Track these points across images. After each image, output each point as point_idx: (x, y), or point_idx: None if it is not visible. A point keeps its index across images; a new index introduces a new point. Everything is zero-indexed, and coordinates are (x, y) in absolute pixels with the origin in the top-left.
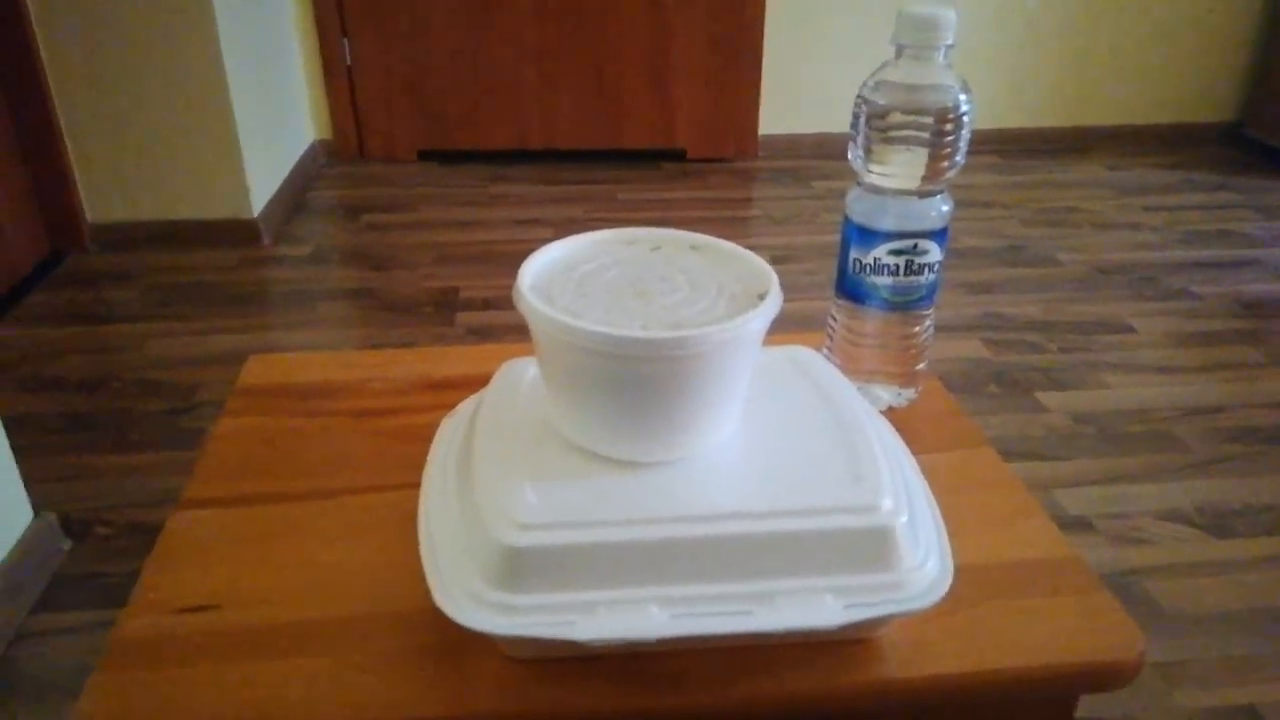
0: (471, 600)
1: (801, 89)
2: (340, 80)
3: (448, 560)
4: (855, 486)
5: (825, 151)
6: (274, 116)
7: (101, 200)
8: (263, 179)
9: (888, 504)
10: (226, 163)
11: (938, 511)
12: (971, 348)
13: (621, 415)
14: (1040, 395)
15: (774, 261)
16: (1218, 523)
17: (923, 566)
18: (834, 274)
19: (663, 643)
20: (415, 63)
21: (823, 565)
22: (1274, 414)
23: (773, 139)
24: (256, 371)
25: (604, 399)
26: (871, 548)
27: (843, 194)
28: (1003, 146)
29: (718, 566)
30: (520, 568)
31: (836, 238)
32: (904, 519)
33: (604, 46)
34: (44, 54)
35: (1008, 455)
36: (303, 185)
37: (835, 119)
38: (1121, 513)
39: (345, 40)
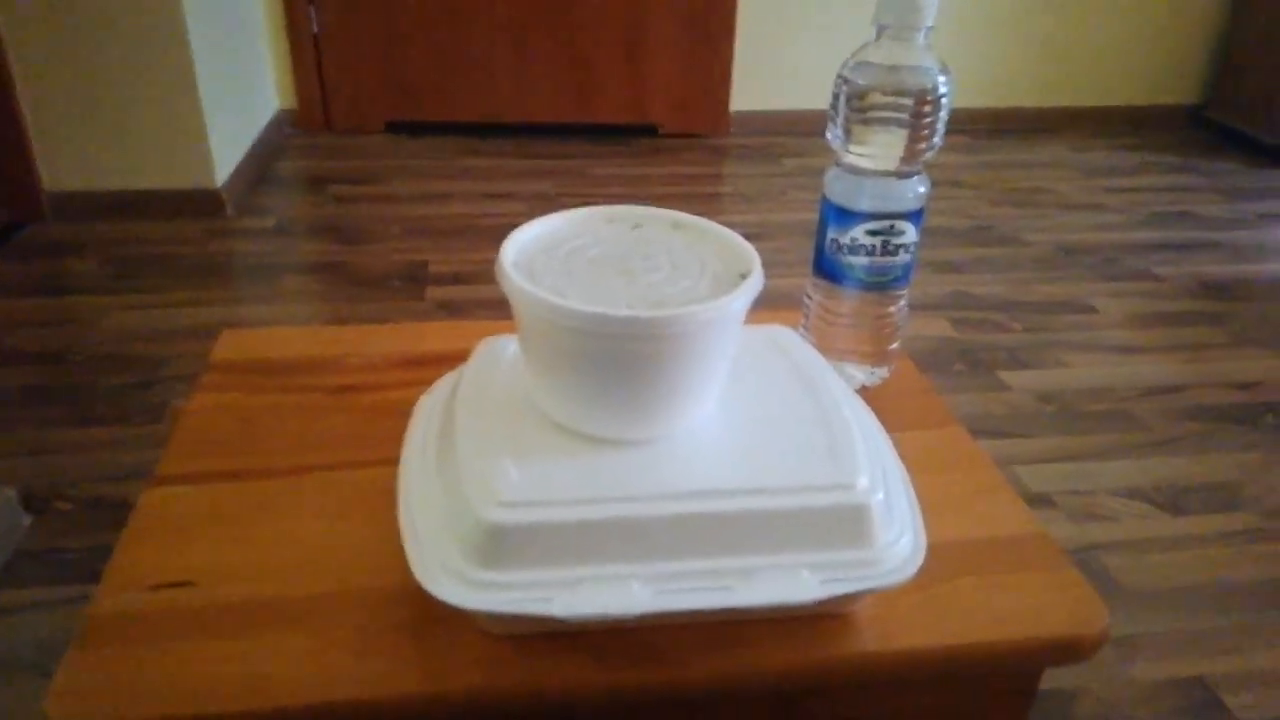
0: (452, 576)
1: (774, 66)
2: (307, 48)
3: (428, 536)
4: (832, 464)
5: (797, 129)
6: (239, 85)
7: (60, 168)
8: (227, 148)
9: (864, 482)
10: (189, 131)
11: (912, 489)
12: (939, 326)
13: (605, 393)
14: (1004, 374)
15: (747, 238)
16: (1174, 500)
17: (897, 543)
18: (810, 253)
19: (644, 618)
20: (384, 31)
21: (800, 542)
22: (1232, 393)
23: (745, 115)
24: (229, 346)
25: (587, 377)
26: (848, 525)
27: (814, 172)
28: (971, 126)
29: (698, 543)
30: (502, 544)
31: (807, 216)
32: (879, 496)
33: (578, 19)
34: (2, 19)
35: (973, 433)
36: (268, 156)
37: (807, 96)
38: (1082, 489)
39: (312, 7)
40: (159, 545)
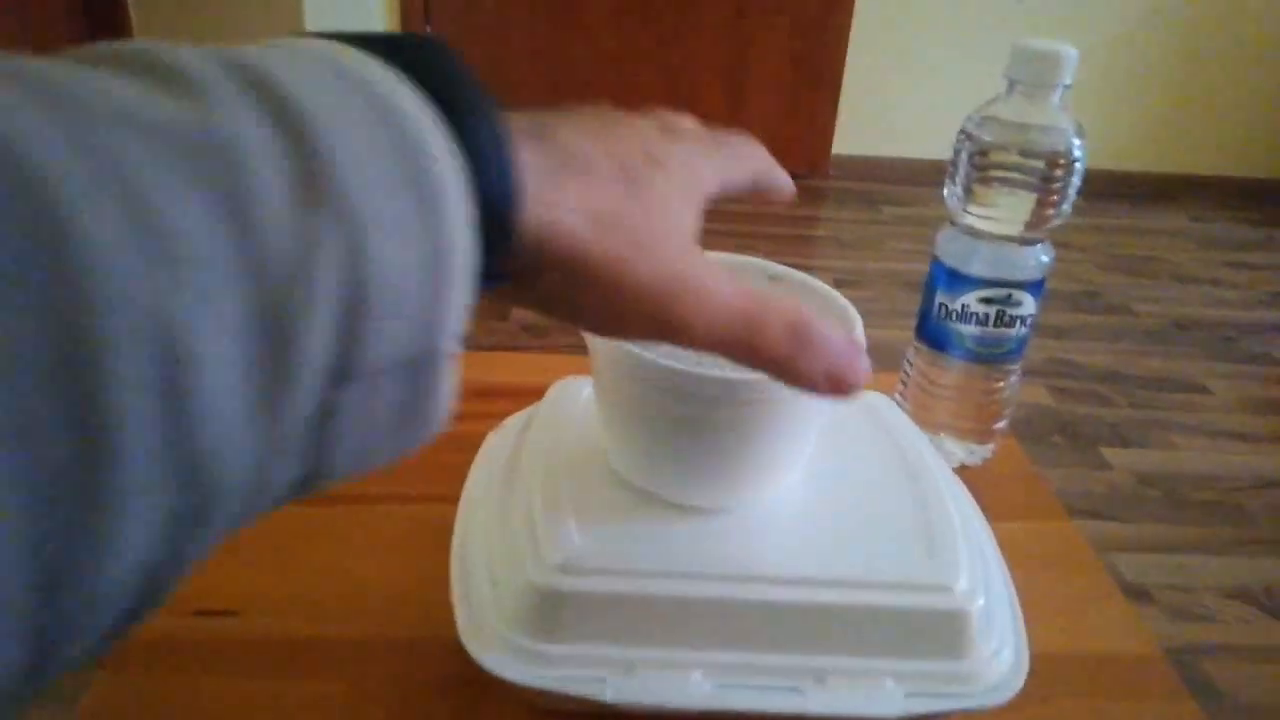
0: (498, 641)
1: (880, 112)
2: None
3: (478, 594)
4: (929, 560)
5: (899, 177)
6: None
7: None
8: None
9: (964, 584)
10: None
11: (1015, 594)
12: (1036, 394)
13: (684, 457)
14: (1105, 450)
15: (837, 285)
16: None
17: (996, 657)
18: (905, 305)
19: (703, 715)
20: (494, 57)
21: (886, 646)
22: None
23: (846, 160)
24: None
25: (666, 438)
26: (942, 632)
27: (914, 222)
28: (1084, 187)
29: (770, 634)
30: (556, 613)
31: (904, 266)
32: (980, 603)
33: (682, 55)
34: (133, 14)
35: (1067, 512)
36: None
37: (912, 145)
38: (1183, 585)
39: (428, 29)
40: (210, 564)
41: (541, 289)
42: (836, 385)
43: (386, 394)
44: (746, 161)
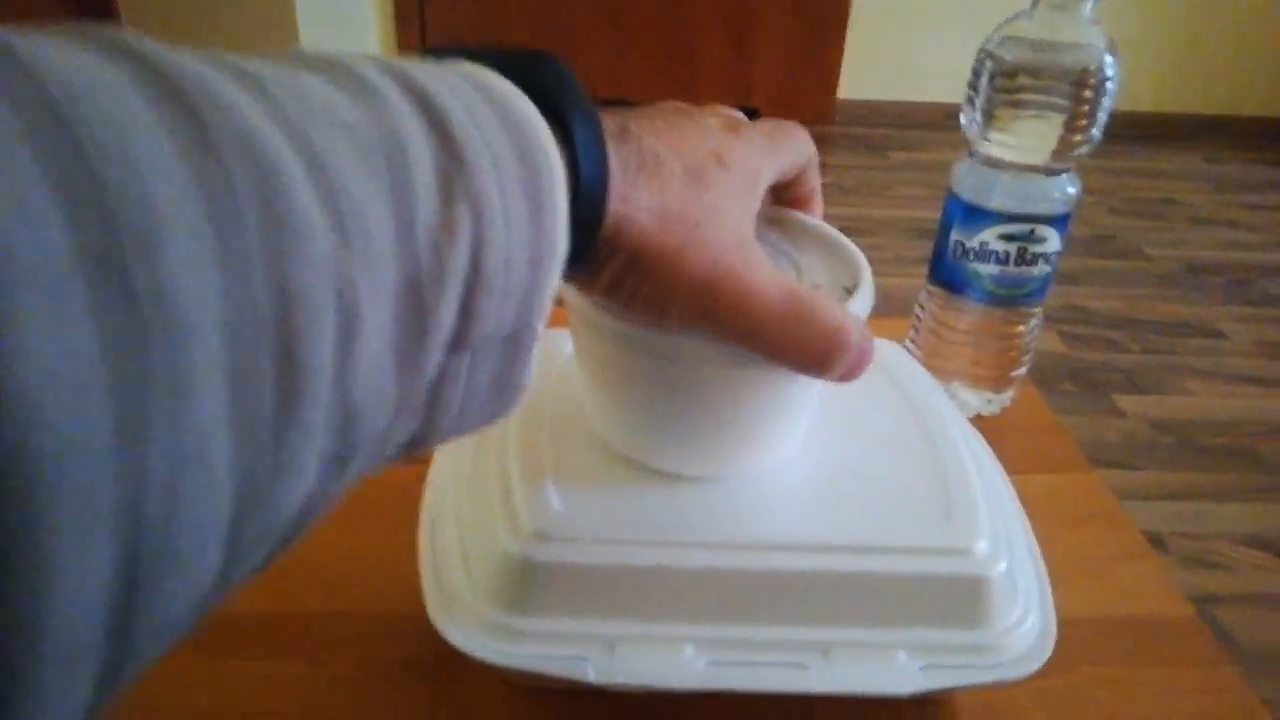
0: (470, 617)
1: (886, 55)
2: (412, 19)
3: (449, 567)
4: (945, 522)
5: (905, 121)
6: (341, 45)
7: None
8: None
9: (983, 547)
10: None
11: (1039, 555)
12: (1048, 341)
13: (670, 422)
14: (1118, 397)
15: (843, 232)
16: None
17: (1020, 626)
18: (913, 252)
19: (696, 693)
20: (490, 11)
21: (898, 616)
22: None
23: (851, 104)
24: None
25: (650, 403)
26: (960, 599)
27: (923, 167)
28: None
29: (769, 606)
30: (533, 586)
31: (911, 212)
32: (1002, 566)
33: (683, 3)
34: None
35: None
36: None
37: (919, 88)
38: (1197, 532)
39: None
40: None
41: (607, 275)
42: (845, 378)
43: (488, 363)
44: (801, 151)
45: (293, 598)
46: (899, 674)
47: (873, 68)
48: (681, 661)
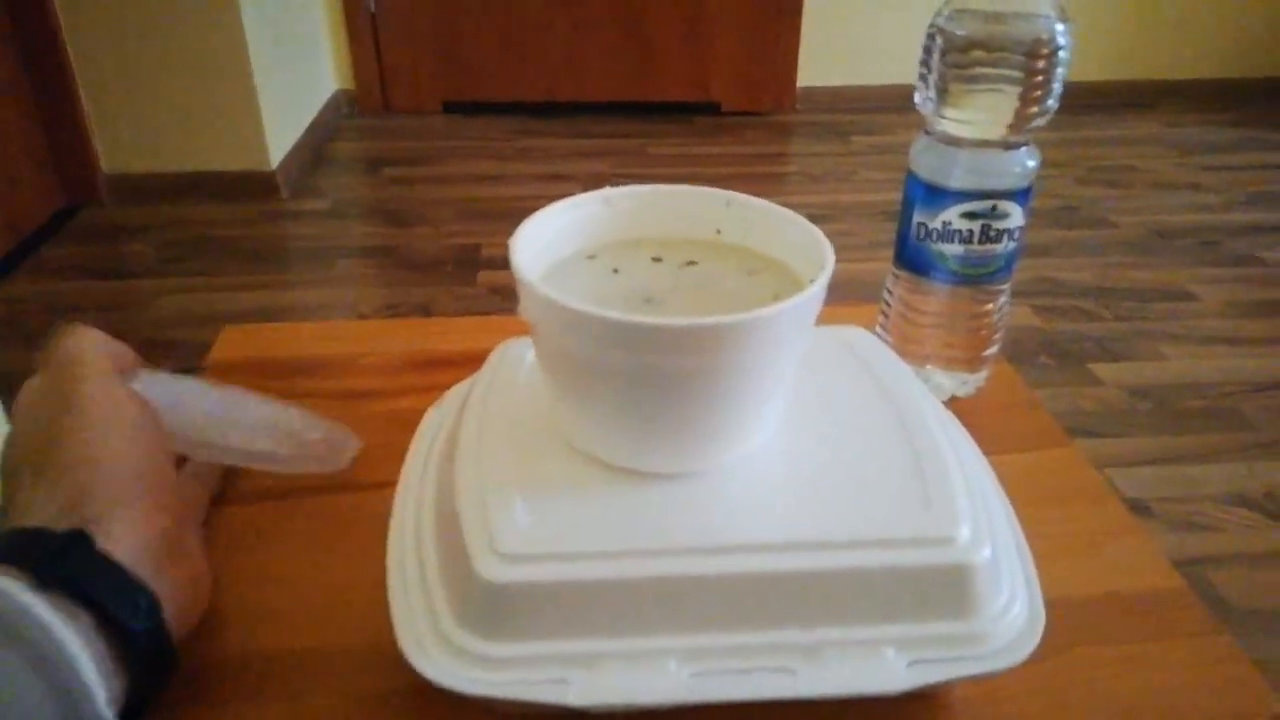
0: (443, 646)
1: (843, 40)
2: (364, 28)
3: (418, 593)
4: (925, 511)
5: (866, 106)
6: (294, 66)
7: (117, 151)
8: (281, 130)
9: (965, 534)
10: (243, 113)
11: (1023, 538)
12: (1021, 315)
13: (638, 418)
14: (1094, 367)
15: (811, 220)
16: None
17: (1007, 613)
18: (882, 235)
19: (682, 708)
20: (441, 11)
21: (883, 611)
22: None
23: (812, 91)
24: (231, 344)
25: (617, 399)
26: (945, 590)
27: (886, 150)
28: None
29: (752, 611)
30: (504, 609)
31: (878, 196)
32: (985, 553)
33: None
34: (58, 1)
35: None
36: (324, 137)
37: (879, 71)
38: (1182, 496)
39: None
40: None
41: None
42: None
43: None
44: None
45: (267, 634)
46: (888, 672)
47: (830, 53)
48: (664, 676)
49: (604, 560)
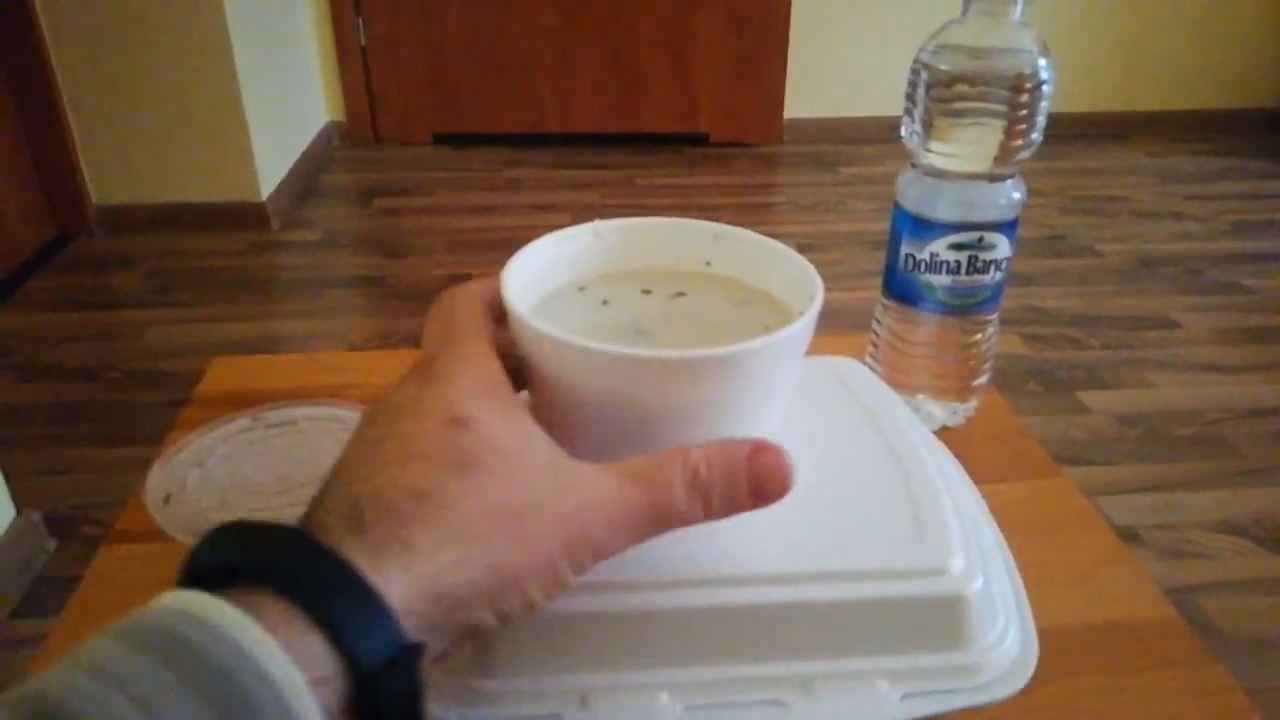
0: (437, 683)
1: (829, 72)
2: (354, 61)
3: None
4: (917, 542)
5: (854, 136)
6: (284, 97)
7: (107, 182)
8: (272, 161)
9: (958, 564)
10: (234, 145)
11: (1015, 569)
12: (1009, 343)
13: (628, 449)
14: (1082, 394)
15: (800, 250)
16: (1278, 535)
17: (1001, 644)
18: (871, 265)
19: None
20: (431, 43)
21: (875, 643)
22: None
23: (799, 123)
24: (220, 376)
25: (606, 429)
26: (938, 622)
27: (873, 180)
28: None
29: (744, 643)
30: (496, 644)
31: (866, 226)
32: (978, 584)
33: (624, 26)
34: (47, 33)
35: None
36: (314, 168)
37: (865, 102)
38: (1171, 523)
39: (360, 20)
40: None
41: (462, 643)
42: (758, 499)
43: None
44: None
45: None
46: (881, 705)
47: (817, 85)
48: (657, 709)
49: (595, 594)
